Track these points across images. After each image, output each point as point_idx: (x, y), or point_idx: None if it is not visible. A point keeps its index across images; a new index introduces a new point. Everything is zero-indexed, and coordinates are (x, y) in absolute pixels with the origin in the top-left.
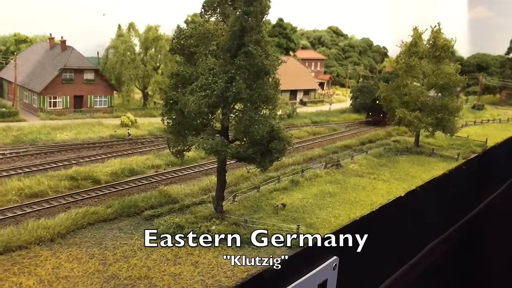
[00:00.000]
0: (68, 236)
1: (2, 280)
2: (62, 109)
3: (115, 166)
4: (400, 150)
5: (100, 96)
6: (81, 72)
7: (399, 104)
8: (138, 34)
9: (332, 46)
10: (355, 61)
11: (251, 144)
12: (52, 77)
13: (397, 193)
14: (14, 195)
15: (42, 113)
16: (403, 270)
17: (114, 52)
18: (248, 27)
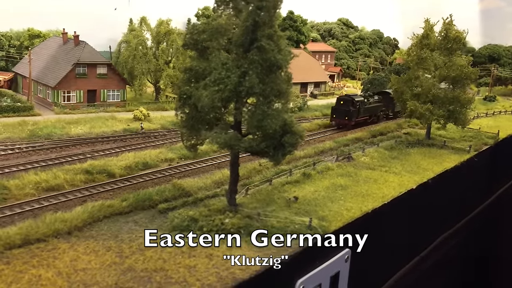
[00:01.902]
0: (85, 229)
1: (22, 273)
2: (76, 103)
3: (129, 160)
4: (411, 143)
5: (113, 90)
6: (94, 66)
7: (411, 96)
8: (149, 28)
9: (342, 38)
10: (366, 53)
11: (264, 138)
12: (66, 72)
13: (408, 186)
14: (31, 189)
15: (56, 108)
16: (415, 261)
17: (126, 46)
18: (260, 22)
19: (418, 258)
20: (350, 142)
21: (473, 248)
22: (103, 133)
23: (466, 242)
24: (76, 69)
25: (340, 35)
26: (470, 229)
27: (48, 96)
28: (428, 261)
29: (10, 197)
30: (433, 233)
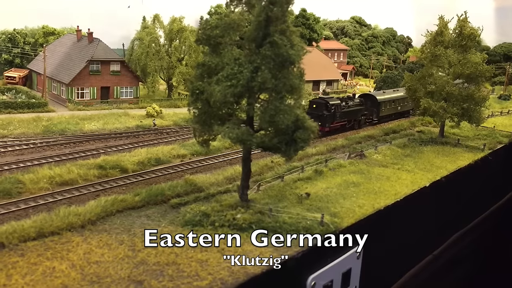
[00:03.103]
0: (98, 223)
1: (36, 265)
2: (90, 100)
3: (142, 156)
4: (424, 141)
5: (126, 87)
6: (108, 63)
7: (424, 94)
8: (162, 26)
9: (355, 36)
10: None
11: (276, 134)
12: (80, 69)
13: (421, 184)
14: (46, 183)
15: (70, 104)
16: (428, 260)
17: (139, 43)
18: (273, 17)
19: (431, 256)
20: (362, 140)
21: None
22: (116, 129)
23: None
24: (89, 66)
25: (353, 33)
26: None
27: (62, 93)
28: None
29: (25, 191)
30: (447, 231)
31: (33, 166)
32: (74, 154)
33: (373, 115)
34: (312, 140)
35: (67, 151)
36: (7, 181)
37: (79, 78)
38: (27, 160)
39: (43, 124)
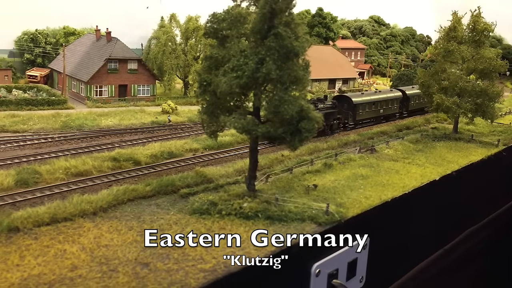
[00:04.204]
0: (109, 210)
1: (48, 247)
2: (108, 97)
3: (155, 149)
4: (438, 136)
5: (143, 85)
6: (125, 62)
7: (437, 90)
8: (179, 25)
9: (373, 35)
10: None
11: (281, 124)
12: (98, 67)
13: (431, 177)
14: (61, 174)
15: (89, 101)
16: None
17: (156, 42)
18: (277, 9)
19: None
20: (375, 135)
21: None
22: (131, 125)
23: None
24: (108, 64)
25: (371, 32)
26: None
27: (81, 91)
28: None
29: (41, 181)
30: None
31: (50, 159)
32: (90, 148)
33: (349, 119)
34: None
35: (84, 145)
36: (25, 172)
37: (98, 76)
38: (45, 153)
39: (61, 120)
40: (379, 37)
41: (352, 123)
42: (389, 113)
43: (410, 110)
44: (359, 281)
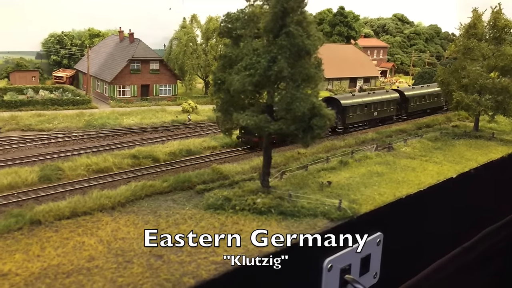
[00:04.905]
0: (127, 205)
1: (67, 239)
2: (130, 97)
3: (174, 147)
4: (457, 134)
5: (164, 85)
6: (147, 62)
7: (457, 87)
8: (199, 25)
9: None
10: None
11: (293, 121)
12: (121, 68)
13: (448, 175)
14: (83, 170)
15: (112, 101)
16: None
17: (177, 43)
18: (289, 8)
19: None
20: (393, 134)
21: None
22: (152, 124)
23: None
24: (130, 65)
25: (394, 31)
26: None
27: (105, 91)
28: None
29: (64, 177)
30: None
31: (72, 156)
32: (111, 146)
33: (337, 122)
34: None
35: (105, 143)
36: (48, 168)
37: (121, 76)
38: (68, 150)
39: (85, 119)
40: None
41: (341, 126)
42: (385, 116)
43: (410, 112)
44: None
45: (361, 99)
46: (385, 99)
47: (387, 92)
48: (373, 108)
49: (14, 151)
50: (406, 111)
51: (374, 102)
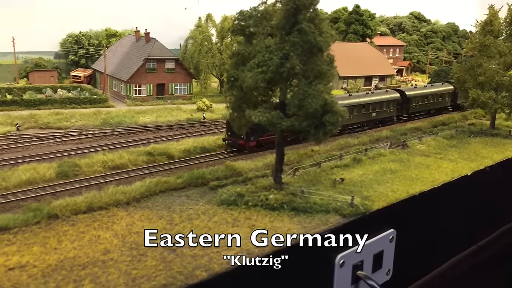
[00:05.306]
0: (142, 201)
1: (84, 233)
2: (146, 96)
3: (188, 144)
4: (473, 132)
5: (180, 84)
6: (163, 61)
7: (473, 85)
8: (214, 25)
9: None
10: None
11: (305, 117)
12: (137, 67)
13: (463, 172)
14: (99, 167)
15: (128, 100)
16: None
17: (192, 42)
18: (301, 6)
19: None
20: (408, 131)
21: None
22: (167, 122)
23: None
24: (146, 64)
25: (411, 29)
26: None
27: (121, 90)
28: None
29: (80, 173)
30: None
31: (89, 153)
32: (127, 143)
33: None
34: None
35: (121, 141)
36: (66, 165)
37: (137, 75)
38: (85, 147)
39: (101, 117)
40: (419, 33)
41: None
42: (384, 117)
43: (411, 113)
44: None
45: (358, 99)
46: (384, 99)
47: (387, 92)
48: (371, 108)
49: (32, 148)
50: (407, 111)
51: (373, 102)
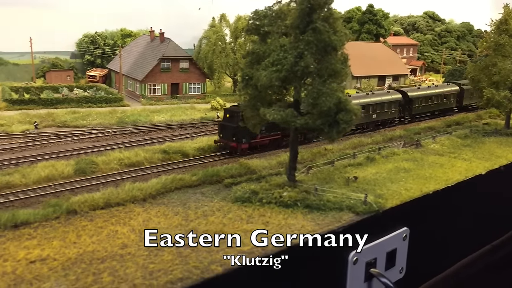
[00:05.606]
0: (158, 197)
1: (102, 228)
2: (161, 95)
3: (203, 143)
4: (488, 132)
5: (194, 84)
6: (177, 61)
7: (488, 84)
8: (228, 24)
9: (427, 31)
10: (452, 47)
11: (319, 116)
12: (152, 67)
13: (477, 171)
14: (116, 164)
15: (143, 99)
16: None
17: (206, 42)
18: (316, 5)
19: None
20: (422, 131)
21: None
22: (182, 121)
23: None
24: (161, 64)
25: (425, 28)
26: None
27: (136, 89)
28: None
29: (98, 170)
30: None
31: (106, 151)
32: (142, 141)
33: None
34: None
35: (137, 139)
36: (83, 162)
37: (151, 75)
38: (102, 145)
39: (117, 116)
40: (434, 33)
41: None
42: (385, 118)
43: (414, 114)
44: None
45: (358, 100)
46: (385, 100)
47: (388, 93)
48: (371, 110)
49: (51, 146)
50: (410, 112)
51: (373, 103)
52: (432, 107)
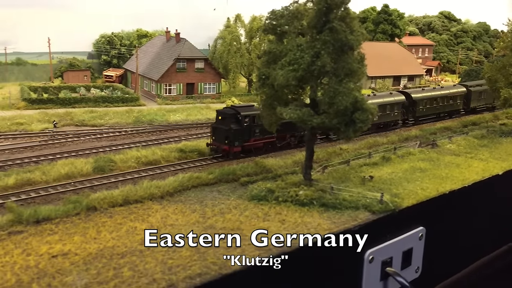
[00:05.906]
0: (175, 195)
1: (121, 224)
2: (176, 95)
3: None
4: (505, 132)
5: (209, 84)
6: (193, 61)
7: (505, 84)
8: (243, 25)
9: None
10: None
11: (335, 115)
12: (168, 67)
13: (494, 172)
14: (133, 162)
15: (159, 99)
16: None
17: (221, 42)
18: (333, 5)
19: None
20: (438, 131)
21: None
22: (197, 120)
23: None
24: (176, 64)
25: (440, 29)
26: None
27: (152, 89)
28: None
29: (116, 168)
30: None
31: (123, 149)
32: (159, 140)
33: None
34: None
35: (153, 138)
36: (102, 160)
37: (167, 75)
38: (119, 144)
39: (134, 115)
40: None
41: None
42: (388, 121)
43: (418, 116)
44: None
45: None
46: (387, 102)
47: (391, 94)
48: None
49: (69, 144)
50: (414, 115)
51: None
52: (437, 109)
